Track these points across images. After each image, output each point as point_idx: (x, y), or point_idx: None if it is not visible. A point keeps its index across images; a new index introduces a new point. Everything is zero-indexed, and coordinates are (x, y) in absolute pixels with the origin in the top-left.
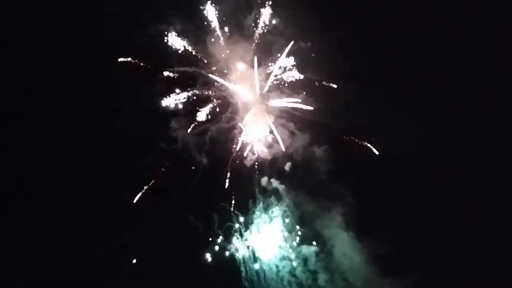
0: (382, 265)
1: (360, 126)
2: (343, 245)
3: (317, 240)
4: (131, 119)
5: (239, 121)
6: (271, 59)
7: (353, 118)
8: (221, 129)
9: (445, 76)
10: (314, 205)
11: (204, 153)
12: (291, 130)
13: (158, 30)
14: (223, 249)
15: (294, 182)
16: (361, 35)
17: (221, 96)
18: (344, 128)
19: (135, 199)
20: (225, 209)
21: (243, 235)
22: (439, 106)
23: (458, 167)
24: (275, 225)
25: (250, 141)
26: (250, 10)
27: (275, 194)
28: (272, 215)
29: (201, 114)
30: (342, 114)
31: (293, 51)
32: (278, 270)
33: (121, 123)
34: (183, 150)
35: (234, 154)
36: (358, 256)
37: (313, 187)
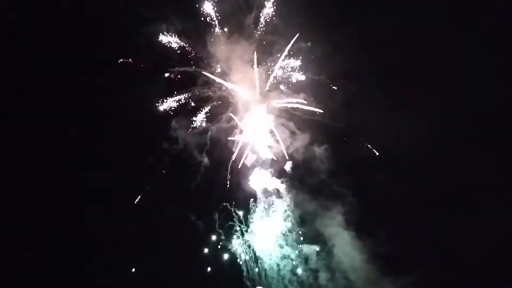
0: (382, 264)
1: (361, 125)
2: (344, 244)
3: (318, 239)
4: (131, 119)
5: (239, 120)
6: (272, 58)
7: (354, 118)
8: (222, 129)
9: (445, 76)
10: (314, 204)
11: (205, 153)
12: (292, 129)
13: (158, 30)
14: (224, 249)
15: (295, 182)
16: (362, 35)
17: (221, 96)
18: (344, 128)
19: (136, 200)
20: (226, 208)
21: (244, 235)
22: (440, 106)
23: (458, 167)
24: (276, 224)
25: (250, 141)
26: (250, 9)
27: (276, 193)
28: (273, 215)
29: (201, 114)
30: (342, 114)
31: (293, 50)
32: (279, 269)
33: (121, 123)
34: (183, 150)
35: (235, 153)
36: (358, 255)
37: (313, 186)
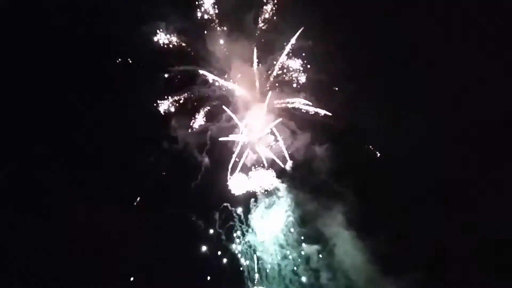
0: (384, 264)
1: (361, 125)
2: (345, 244)
3: (318, 239)
4: (131, 119)
5: (239, 120)
6: (272, 57)
7: (354, 118)
8: (222, 128)
9: (445, 76)
10: (315, 204)
11: (205, 152)
12: (292, 129)
13: (157, 29)
14: (224, 249)
15: (295, 181)
16: (363, 35)
17: (221, 95)
18: (345, 127)
19: (136, 201)
20: (226, 208)
21: (244, 235)
22: (440, 106)
23: (458, 166)
24: (277, 224)
25: (250, 140)
26: (250, 7)
27: (276, 193)
28: (274, 215)
29: (201, 114)
30: (343, 114)
31: (294, 50)
32: (280, 269)
33: (121, 123)
34: (183, 149)
35: (235, 153)
36: (360, 255)
37: (314, 186)
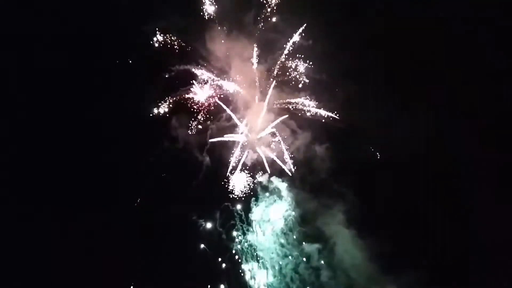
0: (384, 262)
1: (362, 124)
2: (345, 242)
3: (319, 237)
4: (131, 119)
5: (239, 119)
6: (272, 57)
7: (354, 117)
8: (222, 127)
9: (445, 77)
10: (315, 203)
11: (206, 152)
12: (292, 128)
13: (157, 28)
14: (225, 248)
15: (296, 180)
16: (363, 34)
17: (222, 94)
18: (345, 127)
19: (137, 201)
20: (226, 208)
21: (245, 233)
22: (440, 106)
23: (458, 166)
24: (277, 223)
25: (250, 140)
26: (250, 7)
27: (277, 192)
28: (274, 214)
29: (202, 113)
30: (343, 113)
31: (294, 49)
32: (281, 267)
33: (121, 123)
34: (184, 149)
35: (235, 153)
36: (360, 253)
37: (314, 185)
